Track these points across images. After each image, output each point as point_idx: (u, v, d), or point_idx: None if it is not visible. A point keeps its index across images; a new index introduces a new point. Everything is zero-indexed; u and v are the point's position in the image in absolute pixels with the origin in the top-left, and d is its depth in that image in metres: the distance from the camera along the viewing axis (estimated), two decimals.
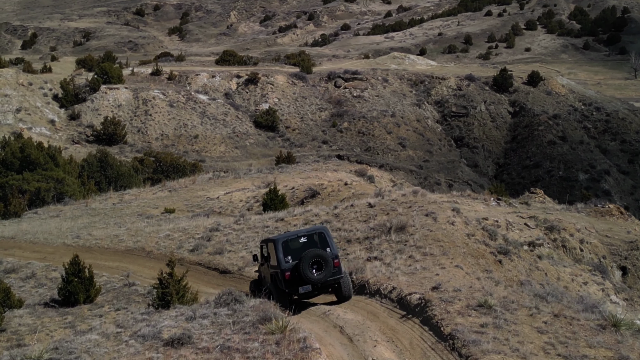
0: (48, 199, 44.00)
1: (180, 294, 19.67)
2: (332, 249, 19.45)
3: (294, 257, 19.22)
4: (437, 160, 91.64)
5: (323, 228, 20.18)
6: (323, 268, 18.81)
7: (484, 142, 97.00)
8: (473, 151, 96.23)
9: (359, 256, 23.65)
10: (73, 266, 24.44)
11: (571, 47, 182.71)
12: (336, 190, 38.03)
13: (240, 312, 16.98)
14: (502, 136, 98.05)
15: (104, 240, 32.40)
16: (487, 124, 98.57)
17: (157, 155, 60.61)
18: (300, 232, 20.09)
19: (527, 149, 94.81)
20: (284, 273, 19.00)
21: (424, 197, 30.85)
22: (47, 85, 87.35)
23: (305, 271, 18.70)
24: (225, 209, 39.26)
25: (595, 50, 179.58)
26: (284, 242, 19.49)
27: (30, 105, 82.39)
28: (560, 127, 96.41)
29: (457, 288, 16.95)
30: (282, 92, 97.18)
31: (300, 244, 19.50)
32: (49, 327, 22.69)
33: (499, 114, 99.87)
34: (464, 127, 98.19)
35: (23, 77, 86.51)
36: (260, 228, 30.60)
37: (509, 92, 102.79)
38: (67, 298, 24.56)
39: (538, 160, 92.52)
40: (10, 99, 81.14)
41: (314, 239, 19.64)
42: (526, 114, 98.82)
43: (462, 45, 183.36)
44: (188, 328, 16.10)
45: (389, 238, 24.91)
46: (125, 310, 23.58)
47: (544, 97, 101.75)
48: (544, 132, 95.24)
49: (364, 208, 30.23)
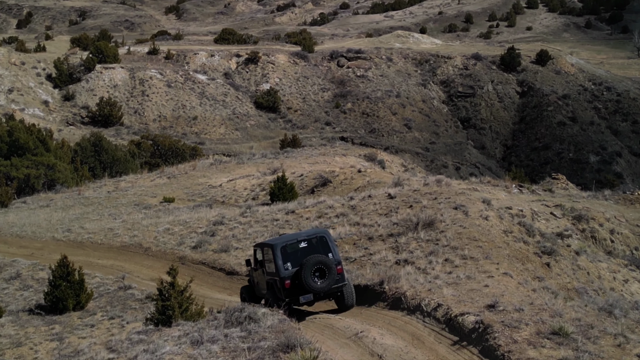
0: (38, 187, 41.12)
1: (184, 307, 16.89)
2: (334, 254, 18.12)
3: (293, 264, 17.81)
4: (443, 142, 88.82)
5: (324, 231, 18.83)
6: (326, 276, 17.48)
7: (492, 123, 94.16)
8: (480, 132, 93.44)
9: (386, 258, 20.87)
10: (61, 268, 21.66)
11: (573, 26, 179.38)
12: (349, 178, 35.19)
13: (256, 334, 14.25)
14: (510, 117, 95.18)
15: (98, 234, 29.62)
16: (495, 104, 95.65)
17: (155, 139, 57.67)
18: (299, 235, 18.59)
19: (536, 130, 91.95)
20: (284, 281, 17.56)
21: (448, 186, 28.15)
22: (40, 64, 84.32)
23: (307, 279, 17.33)
24: (229, 198, 36.46)
25: (597, 29, 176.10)
26: (282, 247, 17.94)
27: (23, 85, 79.44)
28: (570, 107, 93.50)
29: (518, 307, 14.18)
30: (284, 71, 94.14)
31: (300, 249, 18.00)
32: (33, 340, 19.97)
33: (507, 94, 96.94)
34: (470, 107, 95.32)
35: (15, 56, 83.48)
36: (270, 221, 27.83)
37: (516, 71, 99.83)
38: (55, 304, 21.81)
39: (547, 141, 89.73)
40: (2, 79, 78.22)
41: (314, 244, 18.17)
42: (535, 94, 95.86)
43: (462, 24, 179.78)
44: (194, 356, 13.39)
45: (417, 236, 22.14)
46: (120, 320, 20.85)
47: (553, 76, 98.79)
48: (554, 113, 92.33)
49: (384, 199, 27.48)
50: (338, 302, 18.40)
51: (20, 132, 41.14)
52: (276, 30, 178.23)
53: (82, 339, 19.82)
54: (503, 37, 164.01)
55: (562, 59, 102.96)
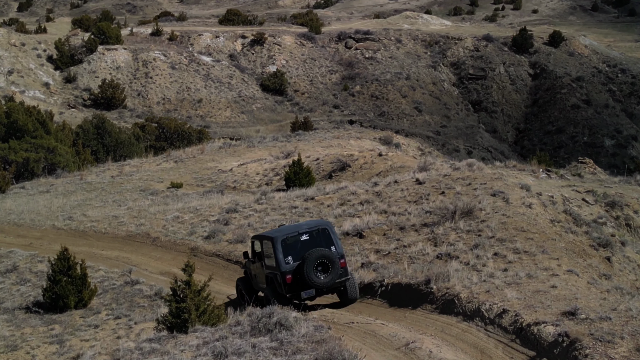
0: (38, 171, 38.82)
1: (201, 309, 14.72)
2: (337, 247, 17.38)
3: (294, 257, 17.10)
4: (455, 125, 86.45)
5: (327, 223, 18.03)
6: (329, 270, 16.81)
7: (503, 106, 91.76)
8: (492, 116, 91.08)
9: (424, 251, 18.70)
10: (62, 262, 19.54)
11: (579, 9, 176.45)
12: (369, 162, 32.94)
13: (290, 345, 12.11)
14: (522, 100, 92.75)
15: (101, 222, 27.43)
16: (507, 86, 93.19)
17: (159, 121, 55.32)
18: (301, 227, 17.76)
19: (549, 114, 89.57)
20: (285, 276, 16.86)
21: (481, 171, 25.91)
22: (40, 45, 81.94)
23: (310, 275, 16.65)
24: (241, 184, 34.25)
25: (603, 11, 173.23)
26: (283, 240, 17.18)
27: (23, 67, 77.15)
28: (584, 90, 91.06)
29: (602, 315, 11.99)
30: (290, 53, 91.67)
31: (302, 241, 17.26)
32: (30, 342, 17.86)
33: (519, 76, 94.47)
34: (481, 90, 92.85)
35: (15, 37, 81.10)
36: (287, 209, 25.68)
37: (529, 53, 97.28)
38: (54, 302, 19.69)
39: (561, 125, 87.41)
40: (2, 60, 75.92)
41: (316, 236, 17.42)
42: (548, 76, 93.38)
43: (467, 7, 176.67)
44: None
45: (455, 226, 19.99)
46: (127, 319, 18.73)
47: (567, 58, 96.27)
48: (567, 96, 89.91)
49: (412, 185, 25.31)
50: (341, 296, 17.67)
51: (19, 114, 38.84)
52: (279, 13, 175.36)
53: (84, 341, 17.74)
54: (509, 20, 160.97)
55: (576, 40, 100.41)
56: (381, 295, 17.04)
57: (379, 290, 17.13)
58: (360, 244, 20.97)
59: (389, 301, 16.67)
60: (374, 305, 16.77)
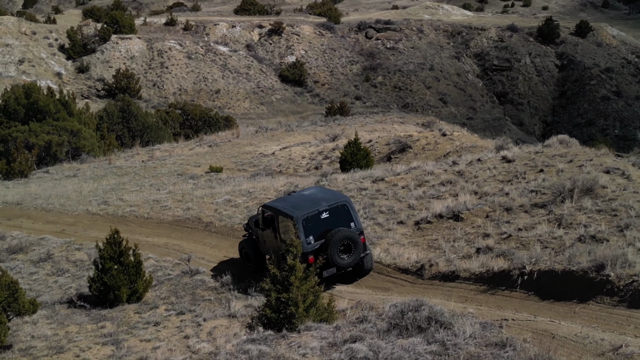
0: (61, 156, 35.58)
1: (309, 300, 11.50)
2: (356, 223, 17.02)
3: (315, 237, 16.59)
4: (481, 117, 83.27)
5: (346, 198, 17.40)
6: (352, 250, 16.47)
7: (530, 98, 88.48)
8: (518, 108, 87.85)
9: (552, 233, 15.48)
10: (112, 247, 16.34)
11: (590, 5, 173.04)
12: (432, 143, 29.76)
13: (458, 350, 8.88)
14: (549, 92, 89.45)
15: (142, 207, 24.25)
16: (533, 78, 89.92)
17: (184, 108, 52.08)
18: (319, 203, 16.96)
19: (577, 106, 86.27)
20: (307, 257, 16.19)
21: (577, 147, 22.75)
22: (52, 34, 78.81)
23: (334, 257, 16.29)
24: (286, 167, 31.10)
25: (614, 8, 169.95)
26: (304, 219, 16.51)
27: (34, 56, 74.01)
28: (614, 81, 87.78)
29: None
30: (309, 43, 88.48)
31: (322, 219, 16.72)
32: (78, 343, 14.70)
33: (545, 67, 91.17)
34: (507, 81, 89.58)
35: (26, 26, 77.97)
36: (355, 191, 22.54)
37: (555, 43, 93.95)
38: (104, 294, 16.51)
39: (591, 117, 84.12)
40: (12, 49, 72.76)
41: (336, 213, 16.84)
42: (575, 68, 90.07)
43: (477, 4, 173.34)
44: None
45: (578, 205, 16.75)
46: (193, 316, 15.57)
47: (594, 48, 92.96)
48: (597, 87, 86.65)
49: (499, 163, 22.17)
50: (358, 270, 17.26)
51: (39, 94, 35.64)
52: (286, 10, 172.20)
53: (145, 342, 14.56)
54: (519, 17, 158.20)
55: (603, 30, 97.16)
56: (522, 285, 13.83)
57: (519, 279, 13.92)
58: (461, 228, 17.84)
59: (538, 293, 13.46)
60: (515, 299, 13.58)
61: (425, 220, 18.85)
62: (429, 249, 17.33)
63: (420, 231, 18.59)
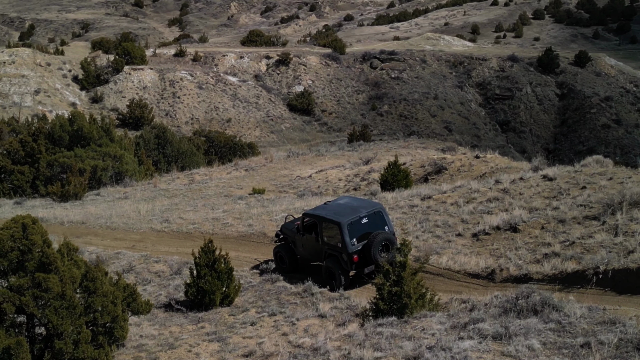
0: (105, 179, 37.09)
1: (418, 293, 13.07)
2: (389, 227, 19.61)
3: (358, 239, 19.06)
4: (486, 145, 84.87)
5: (380, 206, 19.98)
6: (390, 249, 18.79)
7: (532, 126, 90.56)
8: (520, 136, 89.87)
9: (612, 240, 17.02)
10: (206, 255, 17.89)
11: (580, 37, 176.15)
12: (467, 165, 31.45)
13: (572, 328, 10.41)
14: (550, 120, 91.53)
15: (203, 224, 25.76)
16: (534, 107, 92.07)
17: (208, 135, 53.74)
18: (359, 211, 19.43)
19: (579, 134, 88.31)
20: (352, 256, 18.90)
21: (613, 167, 24.43)
22: (66, 65, 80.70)
23: (376, 255, 18.71)
24: (325, 189, 32.68)
25: (605, 39, 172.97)
26: (349, 224, 19.00)
27: (50, 86, 75.79)
28: (614, 109, 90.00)
29: None
30: (316, 73, 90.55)
31: (362, 224, 19.22)
32: (185, 340, 16.15)
33: (546, 96, 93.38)
34: (509, 110, 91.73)
35: (40, 57, 79.79)
36: (407, 207, 24.14)
37: (555, 73, 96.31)
38: (199, 299, 18.02)
39: (592, 145, 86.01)
40: (28, 80, 74.60)
41: (373, 219, 19.43)
42: (575, 96, 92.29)
43: (469, 35, 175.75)
44: (510, 354, 9.60)
45: (630, 216, 18.36)
46: (285, 316, 17.06)
47: (594, 78, 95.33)
48: (597, 115, 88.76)
49: (541, 181, 23.81)
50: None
51: (83, 121, 37.16)
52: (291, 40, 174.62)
53: (247, 339, 16.03)
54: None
55: (602, 60, 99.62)
56: (597, 283, 15.41)
57: (594, 278, 15.49)
58: (519, 238, 19.41)
59: (614, 289, 15.02)
60: (592, 295, 15.09)
61: (483, 232, 20.42)
62: (492, 257, 18.86)
63: (480, 242, 20.15)
